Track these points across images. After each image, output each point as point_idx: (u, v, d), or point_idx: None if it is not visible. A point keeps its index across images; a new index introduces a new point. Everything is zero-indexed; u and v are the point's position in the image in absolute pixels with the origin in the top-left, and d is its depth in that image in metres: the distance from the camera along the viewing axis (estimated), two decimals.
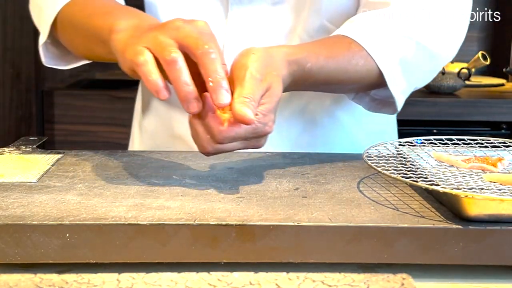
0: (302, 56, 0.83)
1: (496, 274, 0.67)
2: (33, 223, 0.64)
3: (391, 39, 0.90)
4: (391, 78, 0.90)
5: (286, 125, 1.03)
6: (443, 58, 0.96)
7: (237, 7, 1.00)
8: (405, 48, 0.91)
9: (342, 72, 0.88)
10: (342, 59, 0.87)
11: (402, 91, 0.93)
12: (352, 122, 1.07)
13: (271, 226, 0.65)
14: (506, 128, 2.13)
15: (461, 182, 0.71)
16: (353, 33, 0.89)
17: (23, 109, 2.26)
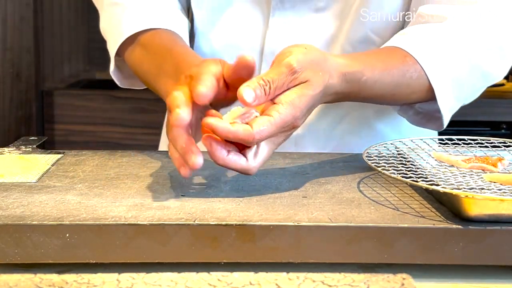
0: (359, 69, 0.81)
1: (496, 274, 0.67)
2: (33, 223, 0.64)
3: (446, 56, 0.88)
4: (442, 95, 0.88)
5: (323, 135, 1.02)
6: (494, 77, 0.94)
7: (279, 12, 0.99)
8: (459, 67, 0.89)
9: (396, 85, 0.86)
10: (397, 73, 0.85)
11: (450, 109, 0.91)
12: (392, 133, 1.05)
13: (271, 226, 0.65)
14: (506, 128, 2.13)
15: (461, 182, 0.71)
16: (407, 45, 0.87)
17: (23, 109, 2.26)
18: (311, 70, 0.75)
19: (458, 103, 0.92)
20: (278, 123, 0.72)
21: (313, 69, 0.75)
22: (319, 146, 1.02)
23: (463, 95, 0.92)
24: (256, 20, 1.01)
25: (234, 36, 1.01)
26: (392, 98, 0.89)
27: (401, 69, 0.86)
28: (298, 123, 0.75)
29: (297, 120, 0.74)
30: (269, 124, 0.72)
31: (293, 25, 0.99)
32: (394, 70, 0.85)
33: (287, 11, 0.99)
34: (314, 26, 0.99)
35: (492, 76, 0.94)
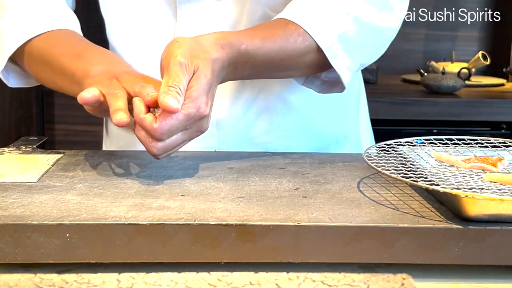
0: (234, 38, 0.85)
1: (496, 274, 0.67)
2: (33, 223, 0.64)
3: (328, 15, 0.92)
4: (332, 54, 0.91)
5: (241, 113, 1.04)
6: (386, 31, 0.97)
7: (185, 5, 1.02)
8: (343, 23, 0.92)
9: (281, 50, 0.89)
10: (279, 38, 0.89)
11: (346, 67, 0.93)
12: (307, 106, 1.07)
13: (271, 226, 0.65)
14: (506, 128, 2.13)
15: (461, 182, 0.71)
16: (289, 14, 0.91)
17: (23, 109, 2.25)
18: (195, 57, 0.79)
19: (355, 61, 0.94)
20: (181, 117, 0.77)
21: (196, 55, 0.80)
22: (238, 125, 1.04)
23: (358, 53, 0.95)
24: (164, 16, 1.04)
25: (145, 35, 1.04)
26: (283, 64, 0.91)
27: (282, 35, 0.89)
28: (204, 111, 0.79)
29: (201, 110, 0.79)
30: (171, 120, 0.77)
31: (199, 15, 1.02)
32: (276, 37, 0.89)
33: (192, 4, 1.02)
34: (218, 13, 1.02)
35: (384, 30, 0.97)
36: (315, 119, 1.08)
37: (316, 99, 1.06)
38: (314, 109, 1.08)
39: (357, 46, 0.94)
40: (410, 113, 2.05)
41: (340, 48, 0.92)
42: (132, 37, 1.05)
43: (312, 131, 1.07)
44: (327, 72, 0.96)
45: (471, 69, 2.30)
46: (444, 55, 2.47)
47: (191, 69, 0.79)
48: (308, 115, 1.08)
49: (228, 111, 1.03)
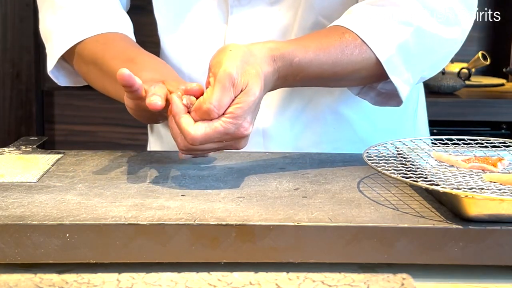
0: (288, 50, 0.82)
1: (496, 274, 0.67)
2: (33, 223, 0.64)
3: (388, 26, 0.88)
4: (391, 66, 0.87)
5: (289, 123, 1.03)
6: (451, 43, 0.93)
7: (236, 9, 1.00)
8: (403, 34, 0.88)
9: (335, 63, 0.86)
10: (334, 50, 0.85)
11: (405, 80, 0.89)
12: (359, 118, 1.05)
13: (271, 226, 0.65)
14: (506, 128, 2.13)
15: (461, 182, 0.71)
16: (347, 22, 0.88)
17: (23, 109, 2.25)
18: (246, 73, 0.76)
19: (414, 74, 0.91)
20: (219, 130, 0.75)
21: (247, 71, 0.76)
22: (285, 135, 1.03)
23: (418, 65, 0.91)
24: (216, 20, 1.02)
25: (196, 38, 1.03)
26: (335, 76, 0.88)
27: (338, 47, 0.86)
28: (245, 131, 0.77)
29: (241, 129, 0.76)
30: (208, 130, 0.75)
31: (250, 20, 1.01)
32: (331, 48, 0.85)
33: (244, 8, 1.00)
34: (270, 19, 1.00)
35: (450, 41, 0.92)
36: (368, 132, 1.05)
37: (369, 111, 1.03)
38: (366, 121, 1.05)
39: (418, 58, 0.90)
40: None
41: (400, 60, 0.88)
42: (183, 40, 1.04)
43: (363, 144, 1.01)
44: (384, 83, 0.92)
45: (471, 69, 2.30)
46: None
47: (239, 85, 0.75)
48: (360, 128, 1.05)
49: (275, 120, 1.02)
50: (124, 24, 0.99)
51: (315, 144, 1.03)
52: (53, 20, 0.99)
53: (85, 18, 0.97)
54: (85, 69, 0.98)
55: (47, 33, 1.00)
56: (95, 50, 0.95)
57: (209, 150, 0.78)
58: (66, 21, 0.98)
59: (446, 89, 2.15)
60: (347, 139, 1.04)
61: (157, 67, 0.89)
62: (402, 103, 0.93)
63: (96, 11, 0.98)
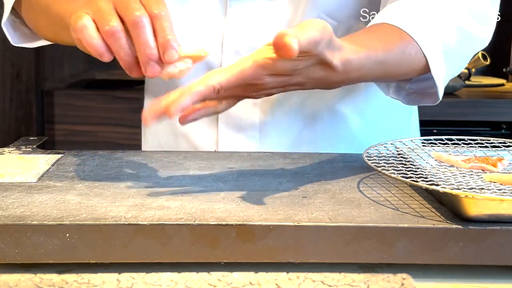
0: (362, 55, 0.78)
1: (496, 274, 0.67)
2: (33, 223, 0.64)
3: (434, 25, 0.87)
4: (435, 66, 0.87)
5: (286, 120, 1.03)
6: (482, 40, 0.93)
7: (236, 2, 1.00)
8: (447, 34, 0.87)
9: (397, 64, 0.85)
10: (398, 51, 0.84)
11: (443, 78, 0.89)
12: (356, 117, 1.05)
13: (271, 226, 0.65)
14: (506, 128, 2.13)
15: (461, 182, 0.71)
16: (399, 21, 0.85)
17: (23, 109, 2.25)
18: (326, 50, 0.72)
19: (449, 72, 0.91)
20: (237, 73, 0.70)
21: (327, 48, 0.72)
22: (282, 131, 1.03)
23: (454, 63, 0.91)
24: (214, 12, 1.01)
25: (194, 30, 1.02)
26: (394, 76, 0.87)
27: (399, 47, 0.84)
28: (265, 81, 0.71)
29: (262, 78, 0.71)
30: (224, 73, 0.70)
31: (250, 14, 1.00)
32: (395, 49, 0.84)
33: (243, 1, 0.99)
34: (270, 13, 0.99)
35: (480, 40, 0.93)
36: (363, 130, 1.05)
37: (364, 109, 1.04)
38: (362, 119, 1.05)
39: (456, 56, 0.90)
40: None
41: (442, 60, 0.87)
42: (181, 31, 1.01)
43: (358, 142, 1.03)
44: (411, 83, 0.92)
45: (471, 69, 2.30)
46: None
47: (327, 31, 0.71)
48: (355, 125, 1.05)
49: (272, 115, 1.01)
50: None
51: (311, 141, 1.03)
52: None
53: None
54: (33, 18, 0.95)
55: None
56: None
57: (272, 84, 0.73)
58: None
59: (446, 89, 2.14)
60: (342, 136, 1.05)
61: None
62: (438, 101, 0.92)
63: None
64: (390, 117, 1.08)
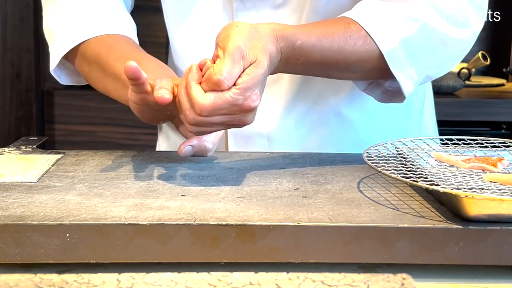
0: (291, 32, 0.82)
1: (496, 274, 0.67)
2: (33, 223, 0.64)
3: (394, 20, 0.87)
4: (394, 60, 0.87)
5: (293, 126, 1.03)
6: (458, 42, 0.91)
7: (242, 13, 1.01)
8: (408, 29, 0.87)
9: (338, 51, 0.85)
10: (338, 38, 0.85)
11: (408, 76, 0.89)
12: (363, 121, 1.05)
13: (271, 226, 0.65)
14: (506, 128, 2.13)
15: (461, 182, 0.71)
16: (353, 14, 0.88)
17: (23, 109, 2.26)
18: (254, 47, 0.77)
19: (419, 71, 0.90)
20: (228, 100, 0.75)
21: (254, 45, 0.77)
22: (290, 137, 1.03)
23: (423, 62, 0.90)
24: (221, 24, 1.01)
25: (200, 41, 1.03)
26: (338, 64, 0.87)
27: (342, 35, 0.86)
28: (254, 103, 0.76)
29: (249, 100, 0.76)
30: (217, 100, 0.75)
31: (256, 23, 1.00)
32: (334, 36, 0.85)
33: (249, 11, 1.01)
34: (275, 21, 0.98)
35: (457, 40, 0.91)
36: (371, 134, 1.05)
37: (372, 113, 1.04)
38: (370, 123, 1.05)
39: (423, 55, 0.90)
40: None
41: (403, 55, 0.87)
42: (191, 43, 1.05)
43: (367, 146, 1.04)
44: (391, 81, 0.92)
45: (471, 69, 2.30)
46: None
47: (248, 58, 0.76)
48: (363, 130, 1.05)
49: (280, 124, 1.02)
50: (127, 26, 1.00)
51: (320, 146, 1.03)
52: (57, 18, 0.99)
53: (89, 18, 0.97)
54: (87, 69, 0.98)
55: (50, 32, 1.00)
56: (99, 51, 0.95)
57: (217, 124, 0.77)
58: (70, 20, 0.98)
59: (446, 89, 2.15)
60: (350, 141, 1.04)
61: (160, 70, 0.90)
62: (404, 99, 0.92)
63: (100, 11, 0.98)
64: (399, 120, 1.07)
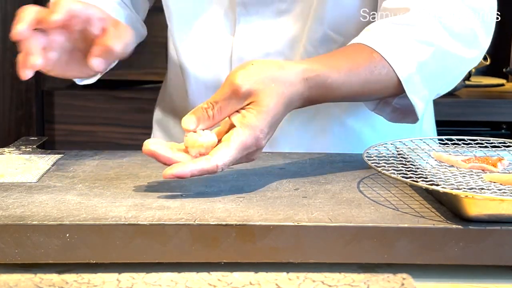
0: (322, 72, 0.80)
1: (496, 274, 0.67)
2: (33, 223, 0.64)
3: (409, 45, 0.87)
4: (410, 85, 0.87)
5: (296, 134, 1.03)
6: (468, 61, 0.93)
7: (244, 18, 1.00)
8: (423, 53, 0.87)
9: (365, 84, 0.84)
10: (364, 71, 0.84)
11: (421, 98, 0.89)
12: (367, 130, 1.05)
13: (271, 226, 0.65)
14: (506, 128, 2.13)
15: (461, 182, 0.71)
16: (372, 41, 0.86)
17: (23, 109, 2.25)
18: (259, 85, 0.74)
19: (431, 92, 0.90)
20: (239, 147, 0.74)
21: (262, 83, 0.75)
22: (292, 145, 1.03)
23: (436, 83, 0.91)
24: (223, 29, 1.02)
25: (203, 46, 1.03)
26: (362, 95, 0.87)
27: (368, 67, 0.84)
28: (261, 143, 0.75)
29: (260, 141, 0.75)
30: (228, 151, 0.73)
31: (258, 30, 1.00)
32: (361, 69, 0.84)
33: (252, 17, 1.00)
34: (278, 29, 1.00)
35: (466, 60, 0.92)
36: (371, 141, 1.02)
37: (376, 122, 1.04)
38: (374, 132, 1.05)
39: (437, 77, 0.90)
40: None
41: (419, 79, 0.87)
42: (193, 48, 1.04)
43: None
44: (399, 98, 0.91)
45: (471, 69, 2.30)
46: None
47: (243, 95, 0.74)
48: (366, 137, 1.05)
49: (282, 130, 1.00)
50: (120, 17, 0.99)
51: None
52: None
53: None
54: None
55: None
56: None
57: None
58: None
59: None
60: (354, 149, 1.03)
61: None
62: (418, 120, 0.92)
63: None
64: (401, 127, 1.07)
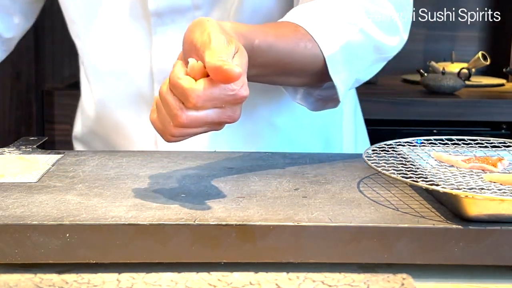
0: (249, 31, 0.79)
1: (496, 274, 0.67)
2: (33, 223, 0.64)
3: (333, 24, 0.87)
4: (333, 64, 0.86)
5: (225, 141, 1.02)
6: (389, 49, 0.93)
7: (160, 28, 0.99)
8: (348, 34, 0.87)
9: (291, 53, 0.84)
10: (290, 40, 0.84)
11: (342, 81, 0.88)
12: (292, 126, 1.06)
13: (271, 226, 0.65)
14: (506, 128, 2.13)
15: (461, 182, 0.71)
16: (298, 19, 0.86)
17: (23, 109, 2.25)
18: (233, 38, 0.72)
19: (350, 75, 0.90)
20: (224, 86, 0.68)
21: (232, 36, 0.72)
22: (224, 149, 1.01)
23: (355, 67, 0.91)
24: (139, 41, 1.01)
25: (119, 61, 1.02)
26: (289, 68, 0.85)
27: (293, 38, 0.84)
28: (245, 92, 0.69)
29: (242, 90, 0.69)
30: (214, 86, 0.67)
31: (176, 39, 0.96)
32: (287, 38, 0.84)
33: (168, 26, 0.99)
34: None
35: (386, 48, 0.93)
36: (298, 137, 1.07)
37: (300, 117, 1.05)
38: (298, 127, 1.06)
39: (357, 59, 0.90)
40: (410, 113, 2.04)
41: (340, 59, 0.87)
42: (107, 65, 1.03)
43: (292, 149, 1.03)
44: (321, 90, 0.92)
45: (471, 69, 2.30)
46: (444, 55, 2.47)
47: (232, 46, 0.70)
48: (292, 134, 1.06)
49: (212, 138, 1.00)
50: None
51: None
52: None
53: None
54: None
55: None
56: None
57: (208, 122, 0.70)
58: None
59: (446, 89, 2.15)
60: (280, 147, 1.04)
61: None
62: (339, 104, 0.91)
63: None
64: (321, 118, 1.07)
